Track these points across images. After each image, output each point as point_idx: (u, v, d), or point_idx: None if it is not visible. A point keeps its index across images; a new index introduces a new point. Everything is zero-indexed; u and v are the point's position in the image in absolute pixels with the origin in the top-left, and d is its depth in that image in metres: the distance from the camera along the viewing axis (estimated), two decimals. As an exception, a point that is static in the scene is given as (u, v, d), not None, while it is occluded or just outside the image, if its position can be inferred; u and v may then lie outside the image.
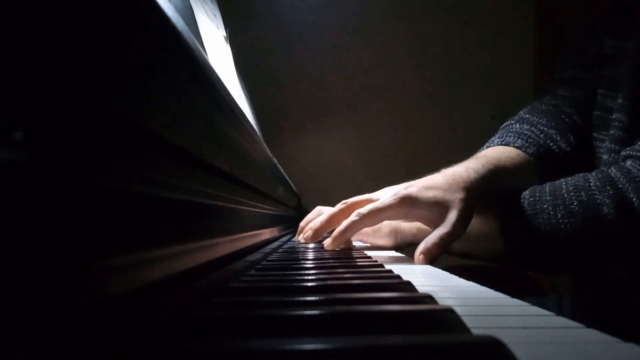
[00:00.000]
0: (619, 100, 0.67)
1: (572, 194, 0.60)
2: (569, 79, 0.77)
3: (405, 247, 0.76)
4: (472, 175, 0.62)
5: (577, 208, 0.59)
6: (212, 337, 0.22)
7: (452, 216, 0.58)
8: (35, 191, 0.13)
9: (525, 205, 0.63)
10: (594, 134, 0.72)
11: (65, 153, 0.15)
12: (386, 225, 0.76)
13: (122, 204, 0.19)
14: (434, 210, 0.60)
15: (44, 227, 0.14)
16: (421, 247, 0.58)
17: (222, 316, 0.24)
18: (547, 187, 0.63)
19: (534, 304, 0.32)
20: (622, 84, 0.68)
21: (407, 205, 0.60)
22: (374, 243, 0.79)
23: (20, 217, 0.13)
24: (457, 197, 0.59)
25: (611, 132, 0.68)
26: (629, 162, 0.61)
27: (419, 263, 0.58)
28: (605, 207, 0.58)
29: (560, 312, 0.28)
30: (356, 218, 0.62)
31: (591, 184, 0.60)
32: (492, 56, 1.92)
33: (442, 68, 1.93)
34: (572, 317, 0.27)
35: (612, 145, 0.68)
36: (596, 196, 0.59)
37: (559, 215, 0.60)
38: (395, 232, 0.76)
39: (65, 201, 0.15)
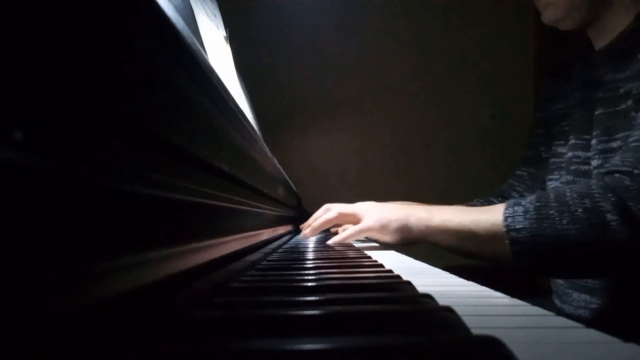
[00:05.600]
0: (571, 142, 0.83)
1: (577, 200, 0.62)
2: (523, 157, 1.02)
3: (412, 245, 0.76)
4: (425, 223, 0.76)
5: (582, 215, 0.61)
6: (212, 337, 0.22)
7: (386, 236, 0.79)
8: (37, 191, 0.13)
9: (532, 210, 0.64)
10: (550, 177, 0.89)
11: (65, 153, 0.15)
12: (394, 221, 0.76)
13: (123, 204, 0.19)
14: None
15: (44, 227, 0.14)
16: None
17: (222, 316, 0.24)
18: (552, 194, 0.65)
19: (534, 304, 0.32)
20: (573, 130, 0.84)
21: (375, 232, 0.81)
22: (382, 240, 0.79)
23: (21, 217, 0.13)
24: (394, 238, 0.77)
25: (571, 167, 0.82)
26: (617, 175, 0.63)
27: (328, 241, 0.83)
28: (609, 214, 0.59)
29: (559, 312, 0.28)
30: (345, 234, 0.83)
31: (594, 191, 0.62)
32: (492, 57, 1.92)
33: (443, 69, 1.93)
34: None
35: (574, 178, 0.81)
36: (600, 203, 0.60)
37: (564, 221, 0.61)
38: (402, 229, 0.75)
39: (66, 201, 0.15)
